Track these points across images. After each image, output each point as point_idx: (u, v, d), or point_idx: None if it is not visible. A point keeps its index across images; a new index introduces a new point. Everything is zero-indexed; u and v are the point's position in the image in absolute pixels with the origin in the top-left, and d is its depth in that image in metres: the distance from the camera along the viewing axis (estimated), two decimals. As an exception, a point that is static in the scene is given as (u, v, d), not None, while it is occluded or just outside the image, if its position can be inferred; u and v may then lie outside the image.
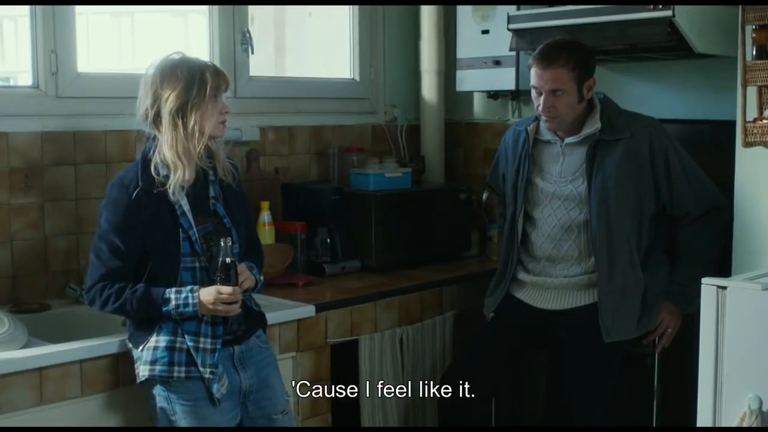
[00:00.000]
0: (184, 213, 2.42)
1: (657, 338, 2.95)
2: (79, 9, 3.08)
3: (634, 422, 3.09)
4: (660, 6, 2.96)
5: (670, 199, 2.89)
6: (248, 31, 3.54)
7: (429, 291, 3.37)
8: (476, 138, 4.13)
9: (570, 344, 2.93)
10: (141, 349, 2.42)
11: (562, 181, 2.93)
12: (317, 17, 4.12)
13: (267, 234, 3.25)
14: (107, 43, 3.84)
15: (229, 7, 3.49)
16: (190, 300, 2.37)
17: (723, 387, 2.32)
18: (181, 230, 2.42)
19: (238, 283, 2.41)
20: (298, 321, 2.94)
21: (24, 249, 2.96)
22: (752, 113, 2.76)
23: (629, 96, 3.48)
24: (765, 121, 2.71)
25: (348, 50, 4.02)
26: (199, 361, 2.40)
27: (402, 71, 4.12)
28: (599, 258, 2.87)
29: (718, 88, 3.24)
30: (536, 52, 2.86)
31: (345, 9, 4.00)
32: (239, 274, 2.43)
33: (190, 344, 2.41)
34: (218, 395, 2.42)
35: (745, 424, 2.25)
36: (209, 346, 2.42)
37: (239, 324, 2.52)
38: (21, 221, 2.94)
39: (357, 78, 4.02)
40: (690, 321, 2.68)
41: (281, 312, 2.89)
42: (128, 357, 2.48)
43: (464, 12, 3.82)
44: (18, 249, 2.94)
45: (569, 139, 2.92)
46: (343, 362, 3.09)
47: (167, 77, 2.38)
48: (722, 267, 2.86)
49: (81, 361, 2.45)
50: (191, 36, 4.00)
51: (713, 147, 3.13)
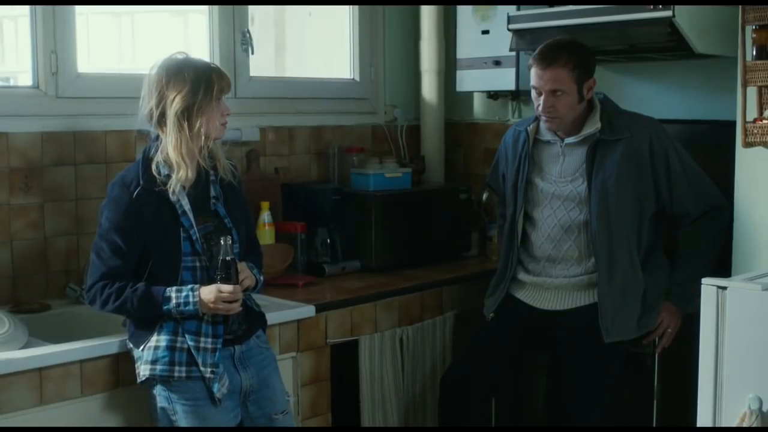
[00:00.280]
0: (185, 212, 2.43)
1: (657, 338, 2.95)
2: (79, 9, 3.08)
3: (634, 422, 3.09)
4: (660, 6, 2.96)
5: (670, 199, 2.89)
6: (248, 31, 3.53)
7: (429, 291, 3.37)
8: (476, 138, 4.13)
9: (570, 344, 2.93)
10: (142, 349, 2.42)
11: (562, 182, 2.93)
12: (317, 17, 4.12)
13: (267, 234, 3.25)
14: (107, 43, 3.84)
15: (229, 7, 3.48)
16: (191, 299, 2.38)
17: (723, 387, 2.32)
18: (182, 229, 2.42)
19: (239, 282, 2.42)
20: (298, 321, 2.94)
21: (24, 249, 2.96)
22: (752, 113, 2.76)
23: (629, 96, 3.48)
24: (765, 122, 2.71)
25: (348, 50, 4.02)
26: (200, 361, 2.40)
27: (402, 71, 4.12)
28: (599, 258, 2.87)
29: (718, 89, 3.24)
30: (536, 53, 2.86)
31: (345, 9, 4.00)
32: (239, 273, 2.43)
33: (191, 344, 2.41)
34: (219, 395, 2.42)
35: (745, 424, 2.25)
36: (210, 346, 2.42)
37: (240, 324, 2.53)
38: (21, 221, 2.94)
39: (357, 78, 4.02)
40: (690, 321, 2.68)
41: (281, 312, 2.89)
42: (128, 357, 2.48)
43: (464, 12, 3.82)
44: (18, 249, 2.94)
45: (569, 140, 2.92)
46: (343, 362, 3.09)
47: (173, 78, 2.38)
48: (722, 267, 2.86)
49: (81, 361, 2.45)
50: (191, 36, 4.00)
51: (713, 147, 3.13)
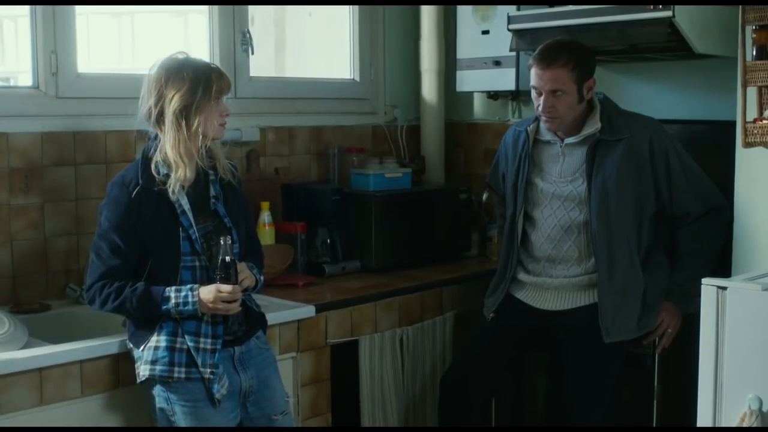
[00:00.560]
0: (185, 212, 2.43)
1: (657, 338, 2.95)
2: (79, 9, 3.07)
3: (634, 422, 3.09)
4: (660, 6, 2.96)
5: (670, 199, 2.89)
6: (248, 32, 3.53)
7: (429, 291, 3.37)
8: (476, 138, 4.13)
9: (570, 344, 2.93)
10: (142, 349, 2.42)
11: (562, 182, 2.93)
12: (317, 17, 4.12)
13: (267, 234, 3.25)
14: (107, 44, 3.84)
15: (229, 7, 3.48)
16: (190, 298, 2.37)
17: (723, 387, 2.32)
18: (181, 229, 2.42)
19: (238, 282, 2.42)
20: (299, 321, 2.94)
21: (24, 249, 2.96)
22: (752, 113, 2.76)
23: (629, 96, 3.48)
24: (765, 122, 2.71)
25: (348, 50, 4.02)
26: (200, 362, 2.40)
27: (402, 71, 4.12)
28: (599, 258, 2.87)
29: (718, 89, 3.24)
30: (536, 53, 2.86)
31: (345, 9, 4.00)
32: (239, 273, 2.43)
33: (191, 344, 2.41)
34: (218, 396, 2.42)
35: (745, 425, 2.25)
36: (209, 347, 2.42)
37: (239, 324, 2.52)
38: (21, 221, 2.94)
39: (357, 78, 4.02)
40: (690, 321, 2.68)
41: (281, 312, 2.89)
42: (128, 357, 2.48)
43: (464, 12, 3.82)
44: (18, 249, 2.94)
45: (569, 140, 2.92)
46: (343, 362, 3.09)
47: (172, 78, 2.38)
48: (722, 267, 2.86)
49: (81, 362, 2.45)
50: (191, 36, 4.00)
51: (713, 147, 3.13)
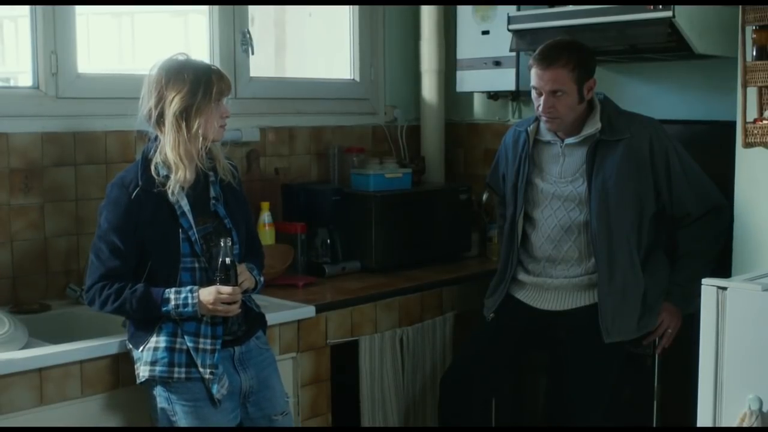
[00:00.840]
0: (184, 213, 2.43)
1: (657, 339, 2.95)
2: (79, 9, 3.07)
3: (634, 422, 3.09)
4: (660, 6, 2.96)
5: (670, 200, 2.89)
6: (248, 32, 3.53)
7: (429, 291, 3.37)
8: (476, 138, 4.13)
9: (570, 345, 2.93)
10: (141, 350, 2.42)
11: (562, 182, 2.93)
12: (317, 17, 4.12)
13: (267, 234, 3.25)
14: (107, 44, 3.84)
15: (229, 8, 3.48)
16: (190, 300, 2.37)
17: (723, 387, 2.32)
18: (181, 230, 2.42)
19: (238, 283, 2.42)
20: (299, 321, 2.94)
21: (24, 249, 2.95)
22: (752, 114, 2.76)
23: (629, 96, 3.48)
24: (765, 122, 2.71)
25: (348, 51, 4.02)
26: (199, 362, 2.40)
27: (402, 71, 4.12)
28: (599, 258, 2.87)
29: (718, 89, 3.24)
30: (536, 53, 2.86)
31: (345, 9, 3.99)
32: (239, 275, 2.43)
33: (190, 345, 2.41)
34: (218, 396, 2.42)
35: (745, 425, 2.25)
36: (209, 347, 2.42)
37: (239, 325, 2.52)
38: (21, 222, 2.94)
39: (357, 78, 4.02)
40: (690, 321, 2.68)
41: (281, 313, 2.89)
42: (128, 357, 2.48)
43: (464, 12, 3.82)
44: (18, 249, 2.94)
45: (569, 140, 2.92)
46: (343, 363, 3.09)
47: (173, 79, 2.38)
48: (722, 267, 2.86)
49: (81, 362, 2.45)
50: (191, 36, 4.00)
51: (713, 147, 3.13)
